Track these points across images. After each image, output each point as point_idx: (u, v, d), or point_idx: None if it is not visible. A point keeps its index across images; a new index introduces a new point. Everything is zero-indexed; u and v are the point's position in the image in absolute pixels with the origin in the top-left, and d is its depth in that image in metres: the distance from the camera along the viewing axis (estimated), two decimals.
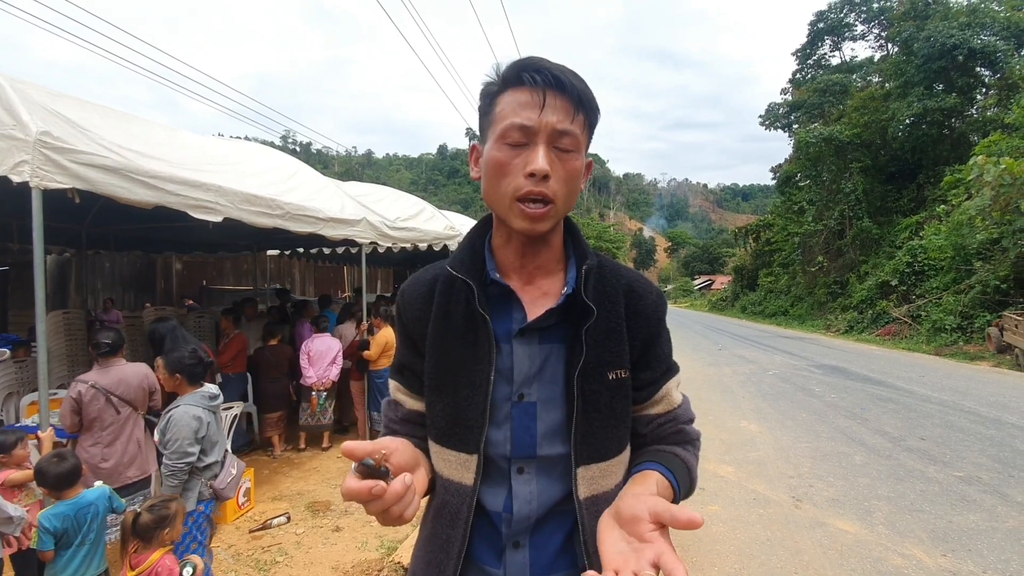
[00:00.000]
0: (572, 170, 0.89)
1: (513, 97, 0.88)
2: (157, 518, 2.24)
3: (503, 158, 0.88)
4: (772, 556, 3.52)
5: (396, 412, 1.07)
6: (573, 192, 0.91)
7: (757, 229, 40.77)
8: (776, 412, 7.45)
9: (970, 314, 14.26)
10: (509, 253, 0.98)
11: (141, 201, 3.23)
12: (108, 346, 3.32)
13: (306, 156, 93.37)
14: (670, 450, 0.99)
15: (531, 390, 0.94)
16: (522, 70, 0.87)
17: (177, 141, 4.34)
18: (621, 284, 0.99)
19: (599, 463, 0.94)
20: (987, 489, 4.52)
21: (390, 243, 6.40)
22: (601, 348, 0.94)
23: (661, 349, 1.01)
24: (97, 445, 3.25)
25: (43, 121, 2.79)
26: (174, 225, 6.13)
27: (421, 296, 1.02)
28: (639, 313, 0.98)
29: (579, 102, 0.88)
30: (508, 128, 0.86)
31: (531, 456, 0.93)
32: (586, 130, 0.91)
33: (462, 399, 0.94)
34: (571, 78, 0.88)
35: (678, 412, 1.02)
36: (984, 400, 7.79)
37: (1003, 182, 12.04)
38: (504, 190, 0.88)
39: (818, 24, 33.84)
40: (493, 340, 0.93)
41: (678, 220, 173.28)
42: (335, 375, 5.93)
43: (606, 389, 0.93)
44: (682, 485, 0.94)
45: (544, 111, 0.86)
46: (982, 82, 21.70)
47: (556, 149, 0.87)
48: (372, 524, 4.13)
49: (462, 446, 0.94)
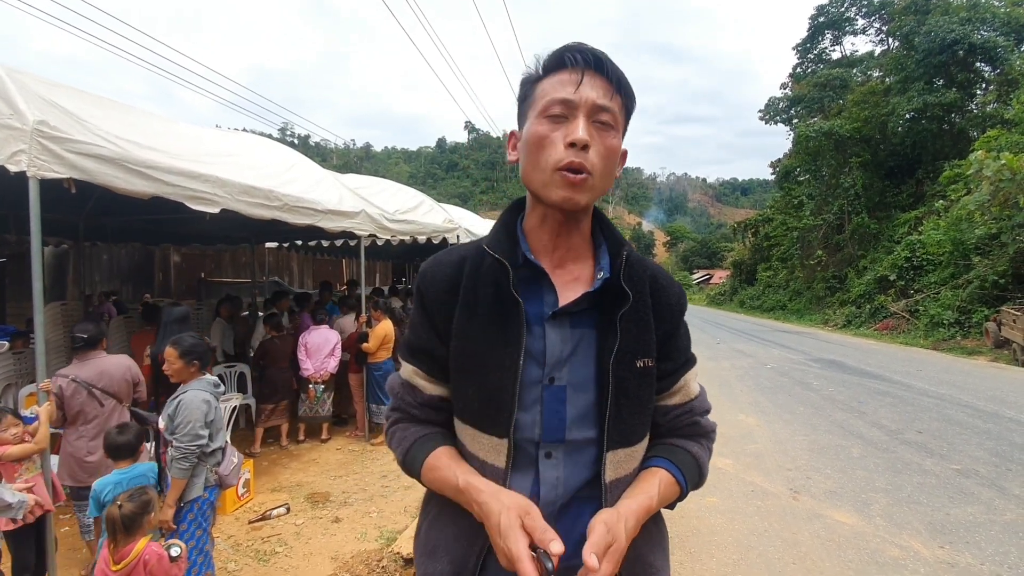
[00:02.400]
0: (610, 147, 0.91)
1: (555, 78, 0.91)
2: (140, 504, 2.23)
3: (544, 131, 0.89)
4: (770, 547, 3.54)
5: (414, 397, 1.05)
6: (609, 171, 0.93)
7: (756, 224, 40.80)
8: (774, 405, 7.47)
9: (968, 309, 14.30)
10: (543, 235, 0.98)
11: (138, 192, 3.21)
12: (84, 340, 3.28)
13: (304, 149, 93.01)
14: (682, 445, 1.03)
15: (561, 374, 0.94)
16: (563, 52, 0.91)
17: (174, 132, 4.31)
18: (647, 275, 1.01)
19: (626, 448, 0.96)
20: (984, 482, 4.54)
21: (389, 236, 6.38)
22: (632, 335, 0.95)
23: (681, 341, 1.04)
24: (82, 439, 3.23)
25: (40, 111, 2.77)
26: (172, 217, 6.10)
27: (447, 278, 1.00)
28: (663, 304, 1.00)
29: (618, 85, 0.91)
30: (549, 103, 0.89)
31: (560, 440, 0.94)
32: (623, 114, 0.93)
33: (492, 381, 0.93)
34: (610, 62, 0.91)
35: (694, 404, 1.05)
36: (981, 394, 7.82)
37: (1002, 177, 12.03)
38: (545, 162, 0.89)
39: (819, 18, 33.70)
40: (524, 322, 0.93)
41: (677, 214, 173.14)
42: (333, 367, 5.93)
43: (635, 376, 0.95)
44: (689, 480, 1.00)
45: (584, 86, 0.89)
46: (982, 77, 21.69)
47: (596, 123, 0.89)
48: (371, 515, 4.15)
49: (493, 429, 0.94)
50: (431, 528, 1.05)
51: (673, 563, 3.32)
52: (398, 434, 1.06)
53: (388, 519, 4.08)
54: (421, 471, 0.99)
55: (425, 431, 1.03)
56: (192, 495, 2.72)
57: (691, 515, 4.02)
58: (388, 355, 5.99)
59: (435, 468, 0.97)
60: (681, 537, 3.68)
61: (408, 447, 1.02)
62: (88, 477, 3.23)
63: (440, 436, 1.02)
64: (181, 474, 2.65)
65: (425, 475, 0.99)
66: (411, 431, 1.04)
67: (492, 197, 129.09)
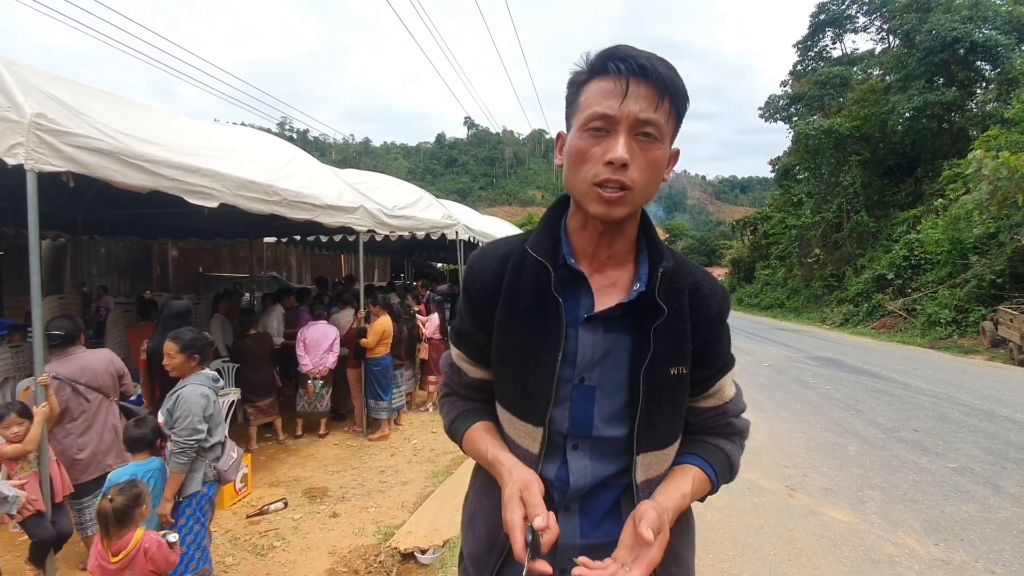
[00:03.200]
0: (653, 160, 0.89)
1: (598, 86, 0.89)
2: (131, 497, 2.23)
3: (584, 146, 0.89)
4: (766, 544, 3.55)
5: (460, 378, 1.15)
6: (653, 182, 0.92)
7: (755, 222, 40.79)
8: (771, 403, 7.49)
9: (965, 308, 14.32)
10: (584, 238, 1.00)
11: (136, 185, 3.20)
12: (60, 337, 3.19)
13: (303, 143, 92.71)
14: (714, 443, 1.06)
15: (592, 375, 0.98)
16: (608, 59, 0.89)
17: (173, 126, 4.29)
18: (688, 283, 1.00)
19: (657, 451, 0.99)
20: (980, 480, 4.56)
21: (388, 231, 6.37)
22: (666, 346, 0.96)
23: (721, 348, 1.04)
24: (70, 436, 3.18)
25: (38, 103, 2.75)
26: (170, 211, 6.08)
27: (492, 271, 1.04)
28: (702, 314, 1.00)
29: (664, 89, 0.88)
30: (590, 116, 0.88)
31: (587, 436, 0.99)
32: (672, 118, 0.91)
33: (530, 376, 0.98)
34: (657, 65, 0.87)
35: (728, 406, 1.06)
36: (978, 393, 7.84)
37: (1001, 176, 12.03)
38: (584, 176, 0.90)
39: (819, 16, 33.62)
40: (563, 323, 0.96)
41: (676, 212, 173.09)
42: (332, 362, 5.92)
43: (667, 384, 0.97)
44: (721, 476, 1.04)
45: (627, 100, 0.86)
46: (982, 76, 21.66)
47: (638, 137, 0.88)
48: (369, 510, 4.16)
49: (529, 418, 1.00)
50: (474, 496, 1.15)
51: None
52: (446, 406, 1.20)
53: (386, 514, 4.08)
54: (462, 441, 1.11)
55: (469, 406, 1.15)
56: (191, 490, 2.72)
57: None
58: (386, 350, 5.99)
59: (472, 440, 1.08)
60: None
61: (453, 418, 1.16)
62: (80, 474, 3.21)
63: (481, 411, 1.13)
64: (179, 468, 2.66)
65: (465, 444, 1.11)
66: (457, 404, 1.17)
67: (491, 193, 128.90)
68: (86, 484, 3.25)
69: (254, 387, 5.61)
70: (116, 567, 2.18)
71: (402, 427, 6.46)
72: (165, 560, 2.27)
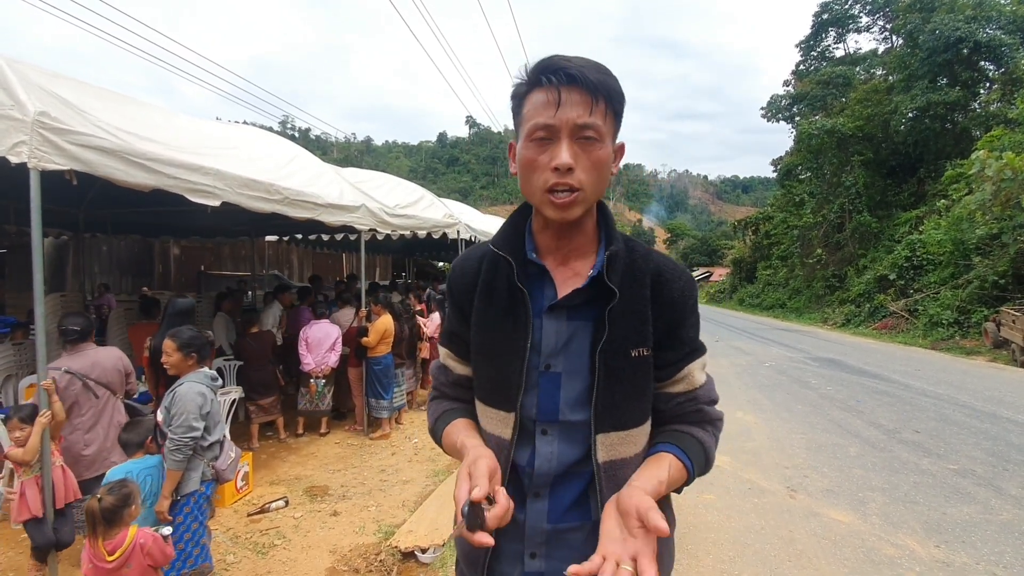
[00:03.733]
0: (597, 159, 0.95)
1: (536, 98, 0.95)
2: (120, 497, 2.23)
3: (531, 155, 0.96)
4: (766, 545, 3.55)
5: (446, 376, 1.22)
6: (601, 179, 0.97)
7: (756, 222, 40.72)
8: (772, 403, 7.48)
9: (967, 309, 14.28)
10: (546, 237, 1.06)
11: (139, 184, 3.20)
12: (77, 332, 3.29)
13: (305, 142, 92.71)
14: (688, 431, 1.07)
15: (557, 361, 1.03)
16: (540, 72, 0.95)
17: (175, 124, 4.30)
18: (650, 269, 1.04)
19: (619, 432, 1.02)
20: (981, 482, 4.55)
21: (389, 230, 6.38)
22: (624, 328, 1.00)
23: (686, 332, 1.05)
24: (77, 431, 3.22)
25: (41, 102, 2.76)
26: (172, 209, 6.09)
27: (471, 271, 1.13)
28: (664, 298, 1.03)
29: (596, 92, 0.92)
30: (533, 127, 0.94)
31: (554, 420, 1.03)
32: (610, 117, 0.96)
33: (503, 365, 1.05)
34: (587, 72, 0.92)
35: (699, 392, 1.07)
36: (979, 394, 7.83)
37: (1004, 177, 11.99)
38: (536, 184, 0.96)
39: (822, 15, 33.51)
40: (530, 314, 1.03)
41: (677, 211, 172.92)
42: (334, 361, 5.93)
43: (628, 365, 1.00)
44: (696, 465, 1.03)
45: (562, 108, 0.92)
46: (986, 76, 21.57)
47: (580, 140, 0.93)
48: (370, 509, 4.16)
49: (502, 405, 1.06)
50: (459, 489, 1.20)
51: None
52: (432, 408, 1.26)
53: (386, 513, 4.09)
54: (441, 438, 1.17)
55: (451, 406, 1.21)
56: (188, 489, 2.73)
57: (688, 512, 4.03)
58: (388, 349, 5.99)
59: (448, 435, 1.14)
60: (678, 534, 3.67)
61: (435, 419, 1.22)
62: (85, 470, 3.24)
63: (462, 411, 1.18)
64: (176, 466, 2.67)
65: (443, 441, 1.16)
66: (441, 405, 1.23)
67: (493, 192, 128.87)
68: (90, 481, 3.27)
69: (256, 385, 5.61)
70: (113, 565, 2.19)
71: (403, 426, 6.46)
72: (162, 553, 2.30)
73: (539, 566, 1.04)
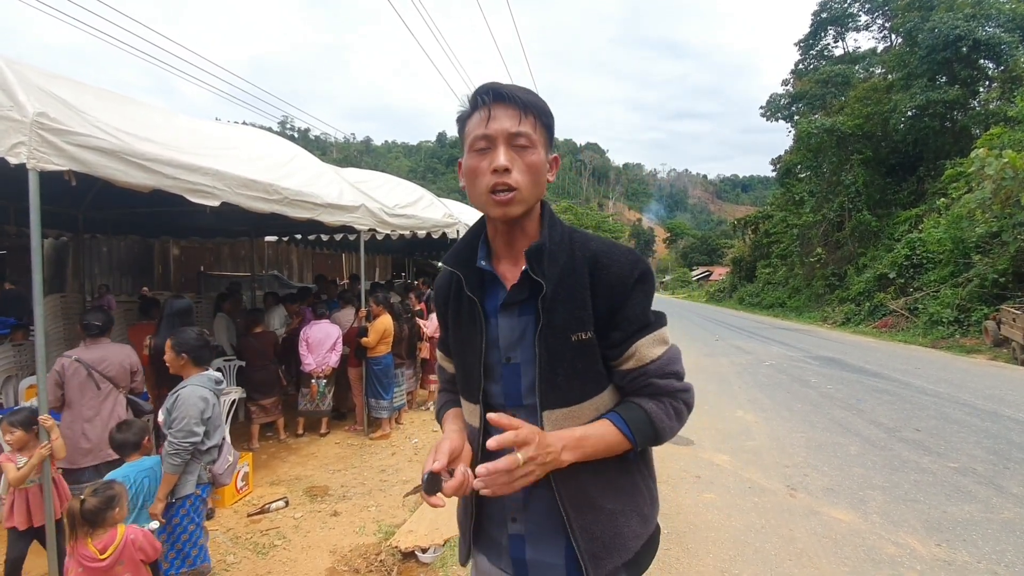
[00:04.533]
0: (531, 163, 1.08)
1: (476, 117, 1.11)
2: (104, 499, 2.23)
3: (474, 163, 1.10)
4: (766, 543, 3.55)
5: (444, 375, 1.43)
6: (536, 182, 1.10)
7: (756, 221, 40.71)
8: (772, 402, 7.48)
9: (967, 307, 14.27)
10: (498, 243, 1.20)
11: (138, 184, 3.20)
12: (98, 327, 3.46)
13: (304, 142, 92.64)
14: (636, 402, 1.14)
15: (515, 353, 1.16)
16: (476, 95, 1.11)
17: (174, 125, 4.30)
18: (587, 256, 1.13)
19: (562, 408, 1.12)
20: (982, 480, 4.55)
21: (389, 230, 6.37)
22: (561, 314, 1.10)
23: (631, 311, 1.12)
24: (77, 420, 3.31)
25: (40, 102, 2.75)
26: (171, 210, 6.09)
27: (444, 284, 1.31)
28: (603, 282, 1.11)
29: (524, 107, 1.08)
30: (474, 139, 1.10)
31: (519, 405, 1.16)
32: (540, 129, 1.11)
33: (467, 362, 1.22)
34: (514, 92, 1.09)
35: (649, 368, 1.12)
36: (980, 393, 7.83)
37: (1004, 175, 11.98)
38: (479, 188, 1.09)
39: (821, 14, 33.55)
40: (482, 316, 1.17)
41: (677, 211, 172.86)
42: (334, 362, 5.93)
43: (569, 349, 1.10)
44: (636, 431, 1.11)
45: (496, 120, 1.07)
46: (985, 75, 21.56)
47: (515, 147, 1.07)
48: (370, 509, 4.16)
49: (470, 397, 1.22)
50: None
51: (669, 559, 3.34)
52: (438, 399, 1.46)
53: (386, 513, 4.09)
54: (441, 424, 1.35)
55: (449, 398, 1.40)
56: (184, 491, 2.73)
57: (688, 511, 4.03)
58: (388, 349, 5.99)
59: (444, 422, 1.33)
60: (678, 533, 3.70)
61: (438, 409, 1.43)
62: (82, 458, 3.31)
63: (456, 402, 1.35)
64: (172, 469, 2.67)
65: (442, 427, 1.33)
66: (443, 397, 1.43)
67: None
68: (85, 470, 3.34)
69: (258, 385, 5.62)
70: (106, 564, 2.20)
71: (403, 426, 6.46)
72: (152, 546, 2.33)
73: (519, 528, 1.18)
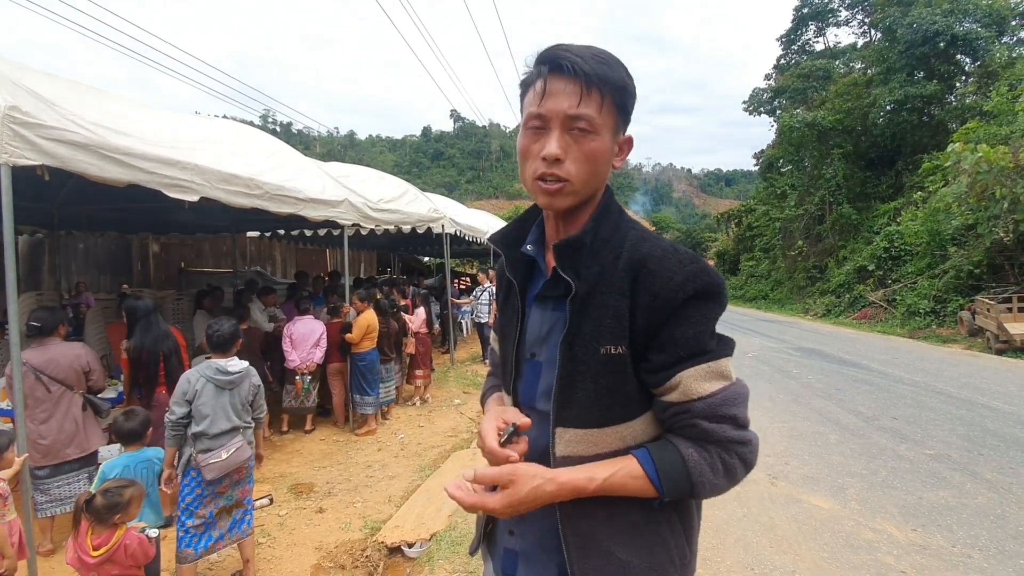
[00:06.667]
0: (589, 152, 0.94)
1: (533, 88, 0.96)
2: (110, 504, 2.25)
3: (526, 144, 0.98)
4: (748, 531, 3.61)
5: (494, 357, 1.31)
6: (593, 172, 0.96)
7: (739, 214, 41.09)
8: (754, 393, 7.48)
9: (944, 298, 14.57)
10: (550, 227, 1.08)
11: (113, 179, 3.15)
12: (37, 329, 3.39)
13: (287, 136, 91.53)
14: (675, 442, 0.94)
15: (540, 351, 1.05)
16: (537, 62, 0.96)
17: (152, 118, 4.22)
18: (634, 258, 0.95)
19: (577, 429, 0.97)
20: (957, 467, 4.66)
21: (373, 225, 6.33)
22: (589, 321, 0.95)
23: (680, 332, 0.92)
24: (33, 422, 3.28)
25: (11, 95, 2.70)
26: (150, 205, 5.98)
27: (501, 264, 1.19)
28: (645, 291, 0.92)
29: (588, 82, 0.91)
30: (528, 116, 0.96)
31: (532, 407, 1.05)
32: (608, 109, 0.94)
33: (505, 349, 1.13)
34: (578, 62, 0.90)
35: (695, 405, 0.92)
36: (955, 381, 8.01)
37: (980, 169, 12.22)
38: (528, 173, 0.98)
39: (803, 9, 33.83)
40: (521, 303, 1.08)
41: (662, 205, 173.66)
42: (319, 358, 5.88)
43: (595, 362, 0.94)
44: (665, 479, 0.91)
45: (552, 98, 0.92)
46: (962, 70, 21.94)
47: (573, 132, 0.93)
48: (355, 505, 4.15)
49: (505, 387, 1.14)
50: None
51: None
52: (487, 382, 1.38)
53: (372, 509, 4.08)
54: (484, 410, 1.27)
55: (496, 383, 1.30)
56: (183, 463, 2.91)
57: None
58: (372, 345, 5.96)
59: (487, 408, 1.25)
60: None
61: (484, 391, 1.34)
62: (41, 458, 3.32)
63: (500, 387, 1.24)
64: (168, 442, 2.87)
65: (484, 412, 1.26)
66: (489, 382, 1.36)
67: (478, 187, 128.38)
68: (44, 467, 3.34)
69: None
70: (95, 562, 2.23)
71: (389, 421, 6.44)
72: (144, 555, 2.33)
73: (515, 543, 1.08)
